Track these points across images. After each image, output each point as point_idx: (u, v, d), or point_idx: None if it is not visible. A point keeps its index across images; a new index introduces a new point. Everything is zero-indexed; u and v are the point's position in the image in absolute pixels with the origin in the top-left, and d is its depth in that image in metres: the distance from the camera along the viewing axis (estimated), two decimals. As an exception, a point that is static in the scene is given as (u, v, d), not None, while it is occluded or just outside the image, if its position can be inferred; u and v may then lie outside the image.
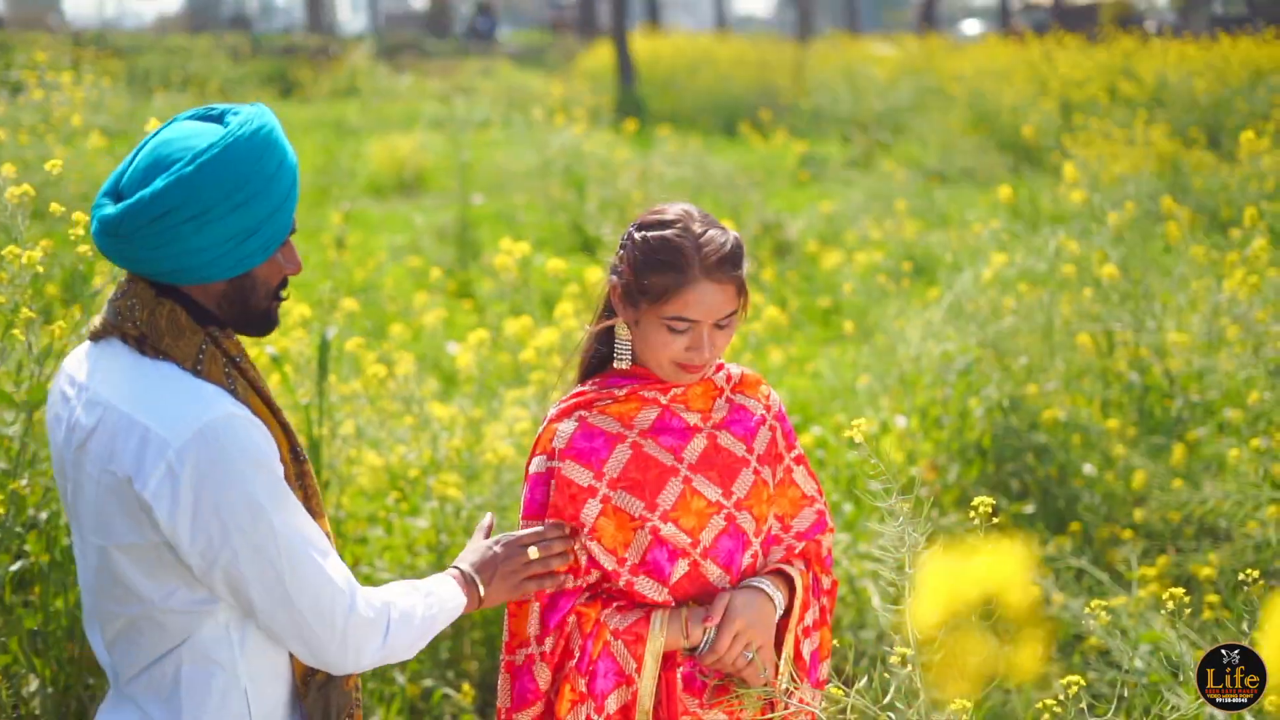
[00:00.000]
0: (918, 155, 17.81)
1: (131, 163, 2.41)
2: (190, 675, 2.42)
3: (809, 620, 2.90)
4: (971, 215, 12.27)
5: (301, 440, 2.59)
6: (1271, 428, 5.60)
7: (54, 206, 3.33)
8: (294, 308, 5.96)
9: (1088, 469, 6.06)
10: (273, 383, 5.32)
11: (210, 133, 2.39)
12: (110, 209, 2.36)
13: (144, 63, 22.06)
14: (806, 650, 2.89)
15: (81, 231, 3.46)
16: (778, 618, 2.82)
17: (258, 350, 5.15)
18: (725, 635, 2.71)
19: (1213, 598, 4.80)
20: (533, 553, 2.75)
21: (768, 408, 2.94)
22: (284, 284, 2.52)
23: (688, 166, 14.83)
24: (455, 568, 2.76)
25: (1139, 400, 6.30)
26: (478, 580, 2.72)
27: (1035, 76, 19.93)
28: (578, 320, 5.71)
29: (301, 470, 2.50)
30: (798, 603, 2.85)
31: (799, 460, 2.97)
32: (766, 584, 2.79)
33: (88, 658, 4.10)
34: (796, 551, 2.93)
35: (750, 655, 2.73)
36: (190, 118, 2.47)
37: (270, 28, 50.80)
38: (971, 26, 56.16)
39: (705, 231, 2.69)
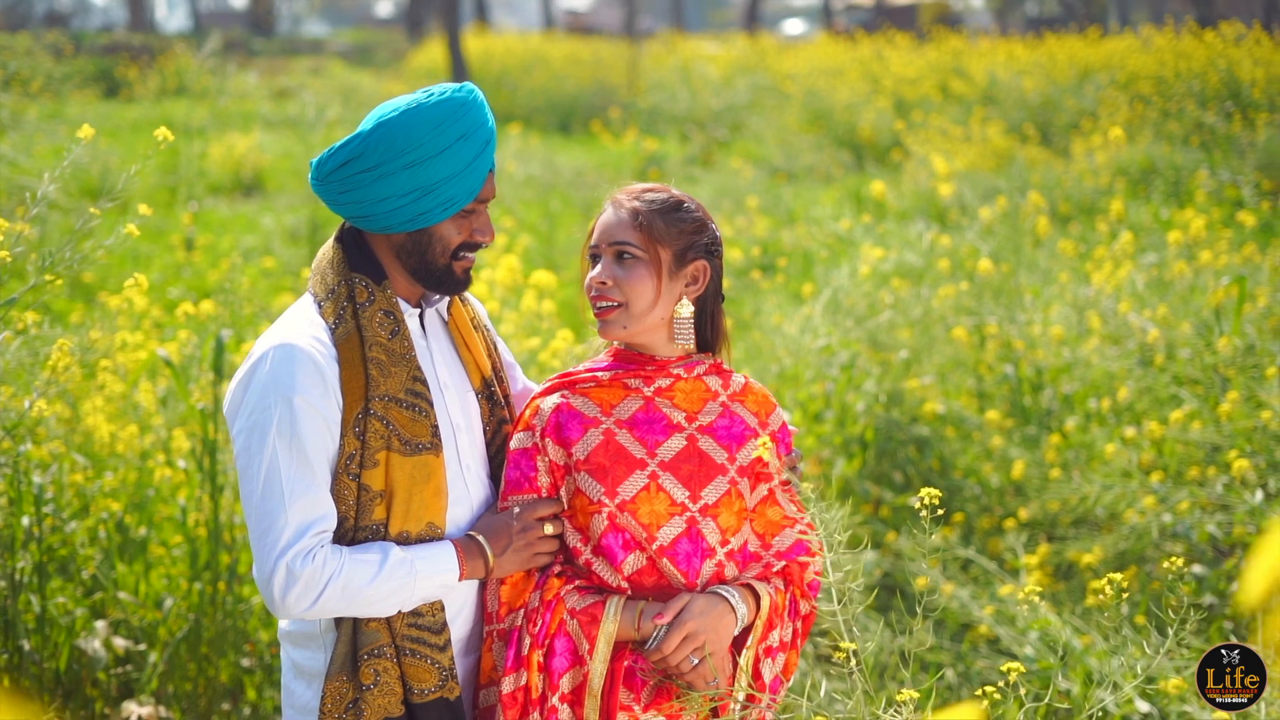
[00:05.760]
0: (756, 152, 17.96)
1: None
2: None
3: (774, 640, 2.86)
4: (817, 211, 12.43)
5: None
6: (1139, 417, 5.77)
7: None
8: (166, 308, 5.81)
9: (965, 460, 6.16)
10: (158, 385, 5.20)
11: (406, 101, 2.69)
12: (320, 155, 2.70)
13: (-38, 61, 21.22)
14: (767, 671, 2.85)
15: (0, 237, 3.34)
16: (738, 631, 2.78)
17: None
18: (674, 635, 2.68)
19: (1096, 584, 4.93)
20: (549, 529, 2.79)
21: (763, 424, 2.90)
22: (468, 247, 2.78)
23: (536, 164, 14.80)
24: (465, 534, 2.79)
25: (1012, 393, 6.43)
26: (488, 549, 2.76)
27: (868, 75, 20.27)
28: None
29: (366, 424, 2.68)
30: (761, 621, 2.81)
31: (786, 484, 2.92)
32: (734, 594, 2.76)
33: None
34: (775, 570, 2.89)
35: (695, 660, 2.70)
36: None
37: (87, 25, 49.39)
38: (794, 26, 57.09)
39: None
